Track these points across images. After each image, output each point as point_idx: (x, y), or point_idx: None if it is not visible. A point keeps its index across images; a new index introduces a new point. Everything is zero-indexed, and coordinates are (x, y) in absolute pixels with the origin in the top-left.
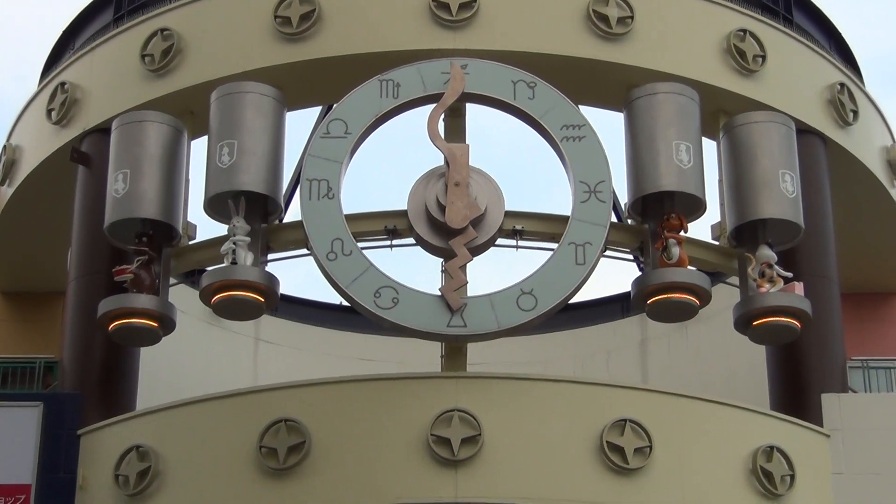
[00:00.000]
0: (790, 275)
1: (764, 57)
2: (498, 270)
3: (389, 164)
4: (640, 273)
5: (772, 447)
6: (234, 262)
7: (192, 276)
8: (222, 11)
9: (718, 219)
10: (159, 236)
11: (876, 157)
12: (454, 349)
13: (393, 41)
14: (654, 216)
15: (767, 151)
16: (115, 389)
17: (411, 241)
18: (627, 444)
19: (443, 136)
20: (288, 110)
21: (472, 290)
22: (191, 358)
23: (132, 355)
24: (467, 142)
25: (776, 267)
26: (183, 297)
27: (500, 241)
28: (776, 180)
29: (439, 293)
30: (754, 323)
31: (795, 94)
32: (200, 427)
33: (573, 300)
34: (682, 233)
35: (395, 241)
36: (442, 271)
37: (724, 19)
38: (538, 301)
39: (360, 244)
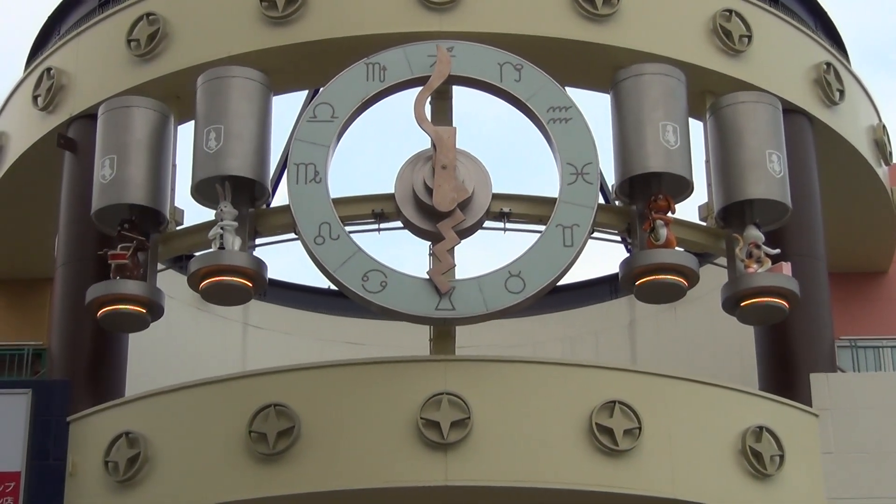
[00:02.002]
0: (778, 253)
1: (750, 37)
2: (486, 253)
3: (376, 147)
4: (627, 254)
5: (761, 427)
6: (221, 247)
7: (179, 262)
8: None
9: (706, 199)
10: (146, 222)
11: (863, 137)
12: (442, 332)
13: (379, 24)
14: (641, 197)
15: (754, 131)
16: (103, 376)
17: (399, 224)
18: (617, 425)
19: (429, 118)
20: (274, 94)
21: (460, 273)
22: (179, 343)
23: (121, 341)
24: (454, 124)
25: (764, 247)
26: (171, 283)
27: (487, 223)
28: (763, 160)
29: (427, 276)
30: (742, 303)
31: (782, 73)
32: (190, 413)
33: (561, 282)
34: (669, 214)
35: (382, 225)
36: (430, 254)
37: (709, 0)
38: (526, 283)
39: (348, 228)
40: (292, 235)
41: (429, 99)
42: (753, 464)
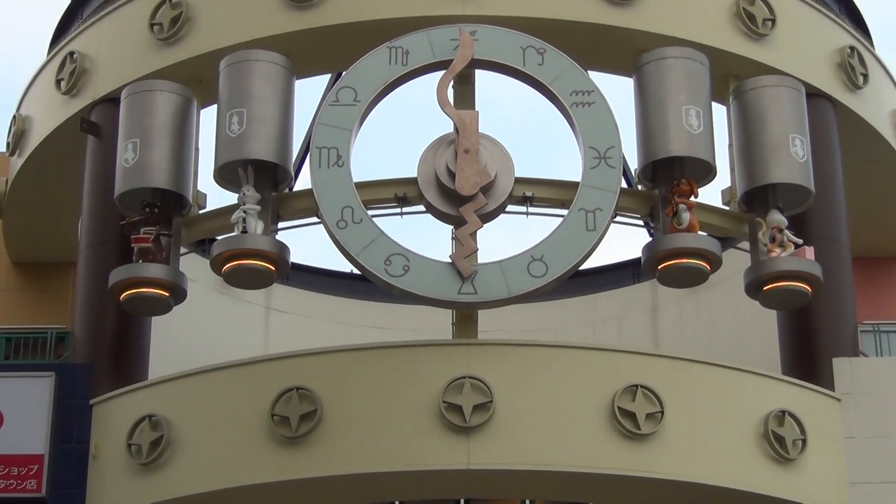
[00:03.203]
0: (800, 240)
1: (774, 21)
2: (508, 237)
3: (399, 131)
4: (650, 239)
5: (783, 412)
6: (244, 231)
7: (202, 245)
8: None
9: (729, 184)
10: (169, 205)
11: (886, 121)
12: (465, 316)
13: (402, 8)
14: (664, 182)
15: (777, 116)
16: (126, 359)
17: (421, 208)
18: (639, 409)
19: (452, 102)
20: (297, 78)
21: (483, 257)
22: (202, 327)
23: (144, 325)
24: (477, 108)
25: (787, 231)
26: (194, 267)
27: (510, 207)
28: (786, 144)
29: (450, 260)
30: (765, 288)
31: (805, 57)
32: (212, 396)
33: (584, 266)
34: (692, 198)
35: (405, 209)
36: (452, 238)
37: None
38: (549, 267)
39: (370, 212)
40: (315, 219)
41: (451, 83)
42: (776, 448)
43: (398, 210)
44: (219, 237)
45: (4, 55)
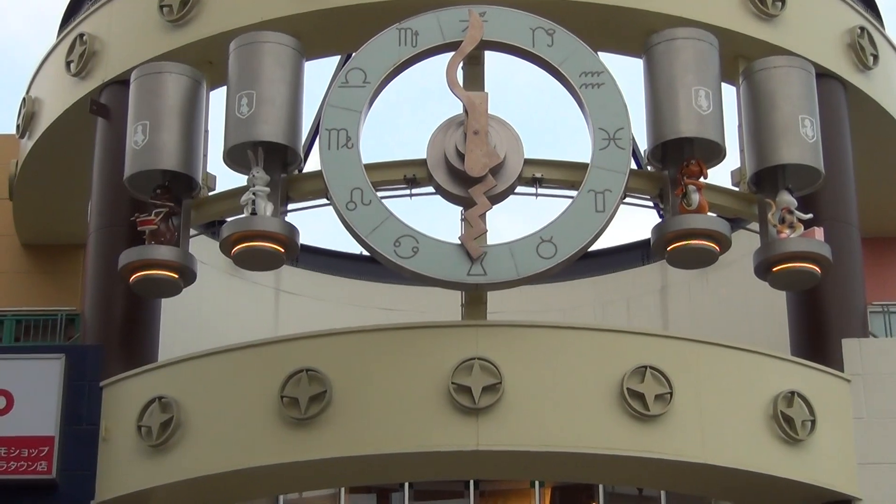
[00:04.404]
0: (810, 220)
1: (783, 1)
2: (517, 218)
3: (408, 113)
4: (659, 220)
5: (792, 392)
6: (253, 213)
7: (212, 227)
8: None
9: (738, 165)
10: (179, 187)
11: None
12: (474, 298)
13: None
14: (673, 163)
15: (787, 96)
16: (136, 341)
17: (430, 189)
18: (648, 390)
19: (461, 84)
20: (306, 60)
21: (492, 238)
22: (212, 309)
23: (153, 307)
24: (486, 90)
25: (796, 212)
26: (203, 249)
27: (519, 189)
28: (796, 125)
29: (459, 242)
30: (774, 269)
31: (815, 38)
32: (222, 377)
33: (593, 248)
34: (701, 179)
35: (414, 190)
36: (461, 220)
37: None
38: (558, 249)
39: (380, 193)
40: (324, 201)
41: (461, 64)
42: (785, 429)
43: (407, 191)
44: (228, 219)
45: (15, 37)
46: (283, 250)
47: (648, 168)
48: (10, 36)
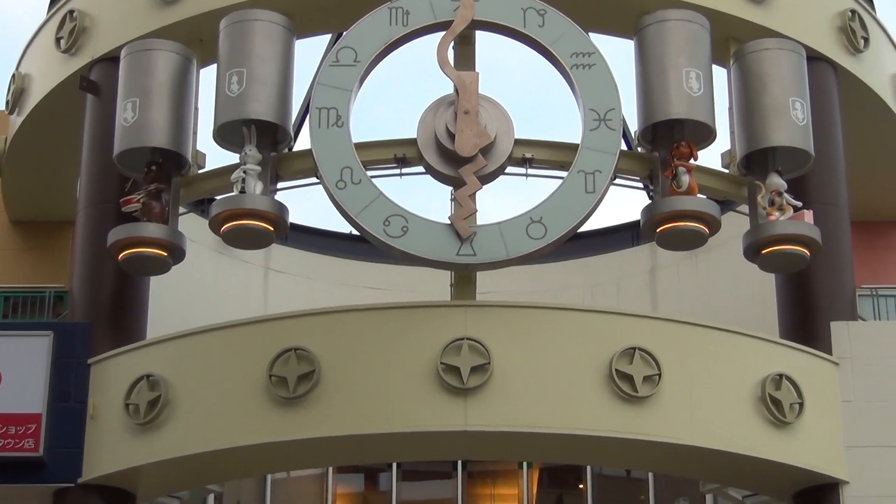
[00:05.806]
0: (800, 204)
1: None
2: (507, 199)
3: (399, 92)
4: (649, 201)
5: (781, 375)
6: (243, 191)
7: (201, 205)
8: None
9: (728, 147)
10: (169, 165)
11: (887, 85)
12: (463, 278)
13: None
14: (664, 144)
15: (778, 79)
16: (125, 318)
17: (420, 169)
18: (636, 372)
19: (452, 64)
20: (297, 38)
21: (482, 218)
22: (201, 287)
23: (142, 284)
24: (477, 70)
25: (786, 195)
26: (193, 226)
27: (509, 169)
28: (786, 108)
29: (448, 222)
30: (764, 251)
31: (806, 21)
32: (210, 356)
33: (583, 228)
34: (691, 161)
35: (404, 170)
36: (451, 200)
37: None
38: (547, 229)
39: (370, 172)
40: (314, 180)
41: (452, 44)
42: (773, 411)
43: (397, 171)
44: (218, 197)
45: (4, 13)
46: (272, 229)
47: (639, 149)
48: (0, 11)
